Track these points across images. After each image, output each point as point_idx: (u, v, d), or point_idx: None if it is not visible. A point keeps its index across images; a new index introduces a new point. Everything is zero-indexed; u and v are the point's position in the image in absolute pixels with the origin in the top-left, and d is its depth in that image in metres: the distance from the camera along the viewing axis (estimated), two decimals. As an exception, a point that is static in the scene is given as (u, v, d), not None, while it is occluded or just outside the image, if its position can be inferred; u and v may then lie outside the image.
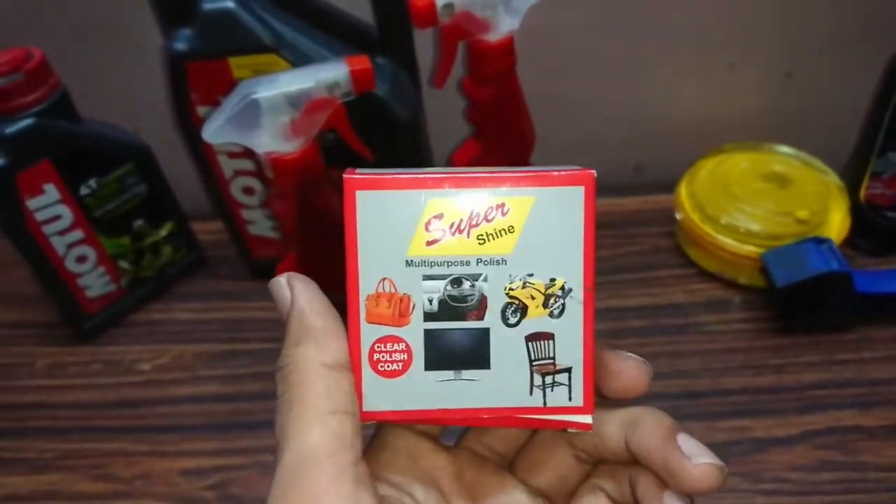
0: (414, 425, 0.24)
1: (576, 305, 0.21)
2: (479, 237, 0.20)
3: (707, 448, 0.22)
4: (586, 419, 0.22)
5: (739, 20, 0.60)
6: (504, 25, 0.47)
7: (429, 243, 0.20)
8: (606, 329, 0.54)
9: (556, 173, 0.21)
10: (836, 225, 0.55)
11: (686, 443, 0.22)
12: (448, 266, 0.21)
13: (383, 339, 0.21)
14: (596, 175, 0.21)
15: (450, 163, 0.56)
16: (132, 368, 0.56)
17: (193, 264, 0.63)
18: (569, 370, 0.21)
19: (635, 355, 0.23)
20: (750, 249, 0.54)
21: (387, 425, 0.24)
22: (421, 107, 0.56)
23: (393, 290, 0.21)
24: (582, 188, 0.20)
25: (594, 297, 0.21)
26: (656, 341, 0.53)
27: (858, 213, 0.57)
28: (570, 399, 0.21)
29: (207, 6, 0.47)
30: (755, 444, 0.46)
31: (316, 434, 0.20)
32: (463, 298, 0.21)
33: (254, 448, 0.49)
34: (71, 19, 0.59)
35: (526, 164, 0.55)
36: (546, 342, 0.21)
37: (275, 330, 0.57)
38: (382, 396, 0.21)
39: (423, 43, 0.54)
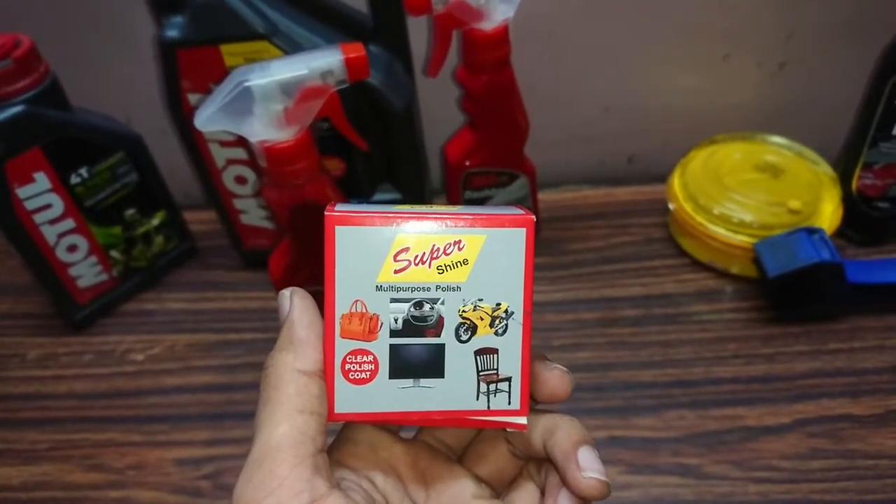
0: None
1: (516, 326, 0.24)
2: (439, 268, 0.24)
3: (600, 463, 0.25)
4: (522, 420, 0.25)
5: (733, 11, 0.60)
6: (498, 14, 0.47)
7: (396, 272, 0.24)
8: (600, 318, 0.55)
9: (504, 216, 0.24)
10: (828, 215, 0.55)
11: (583, 455, 0.25)
12: (412, 291, 0.24)
13: (354, 352, 0.24)
14: (535, 220, 0.24)
15: (444, 154, 0.56)
16: (124, 359, 0.56)
17: (185, 254, 0.63)
18: (509, 379, 0.25)
19: (560, 366, 0.26)
20: (742, 239, 0.54)
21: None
22: (415, 96, 0.55)
23: (364, 311, 0.24)
24: (524, 230, 0.24)
25: (531, 320, 0.24)
26: (649, 331, 0.53)
27: (850, 203, 0.57)
28: (509, 403, 0.25)
29: (199, -7, 0.47)
30: (746, 432, 0.47)
31: (283, 428, 0.23)
32: (423, 319, 0.24)
33: (248, 438, 0.48)
34: (60, 6, 0.59)
35: (520, 153, 0.55)
36: (491, 356, 0.24)
37: (268, 320, 0.57)
38: (351, 400, 0.24)
39: (417, 32, 0.54)
